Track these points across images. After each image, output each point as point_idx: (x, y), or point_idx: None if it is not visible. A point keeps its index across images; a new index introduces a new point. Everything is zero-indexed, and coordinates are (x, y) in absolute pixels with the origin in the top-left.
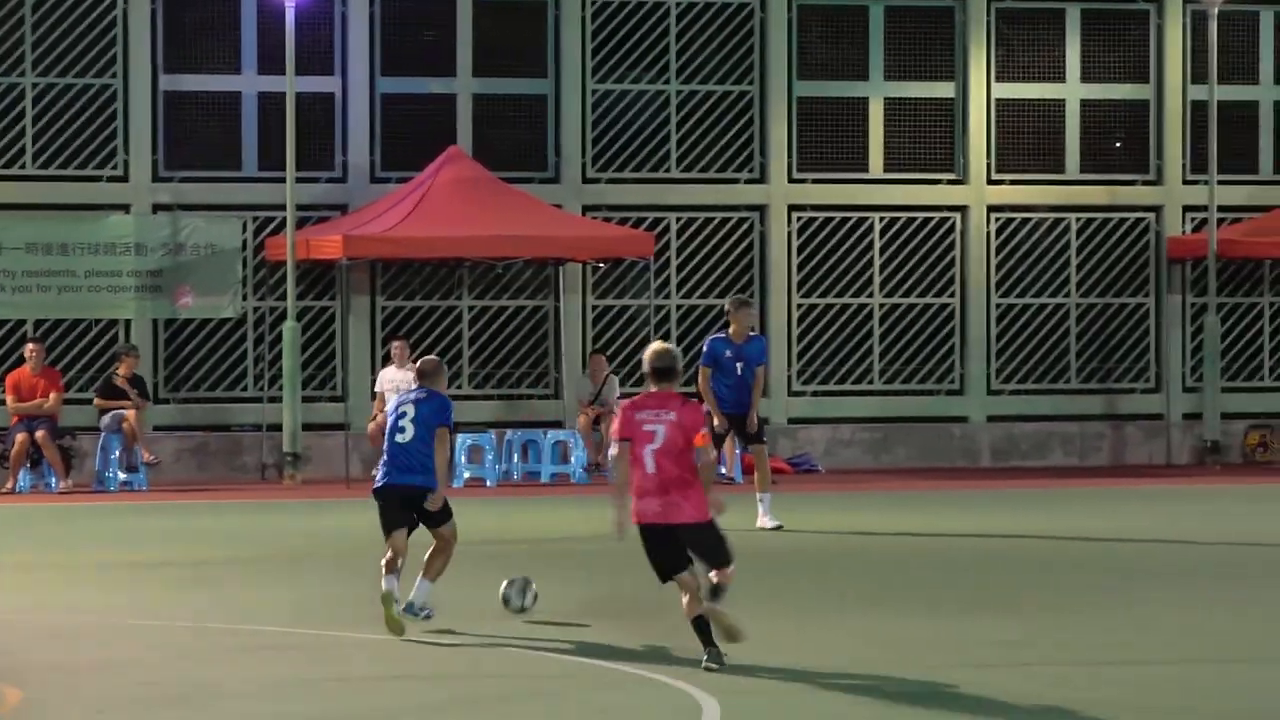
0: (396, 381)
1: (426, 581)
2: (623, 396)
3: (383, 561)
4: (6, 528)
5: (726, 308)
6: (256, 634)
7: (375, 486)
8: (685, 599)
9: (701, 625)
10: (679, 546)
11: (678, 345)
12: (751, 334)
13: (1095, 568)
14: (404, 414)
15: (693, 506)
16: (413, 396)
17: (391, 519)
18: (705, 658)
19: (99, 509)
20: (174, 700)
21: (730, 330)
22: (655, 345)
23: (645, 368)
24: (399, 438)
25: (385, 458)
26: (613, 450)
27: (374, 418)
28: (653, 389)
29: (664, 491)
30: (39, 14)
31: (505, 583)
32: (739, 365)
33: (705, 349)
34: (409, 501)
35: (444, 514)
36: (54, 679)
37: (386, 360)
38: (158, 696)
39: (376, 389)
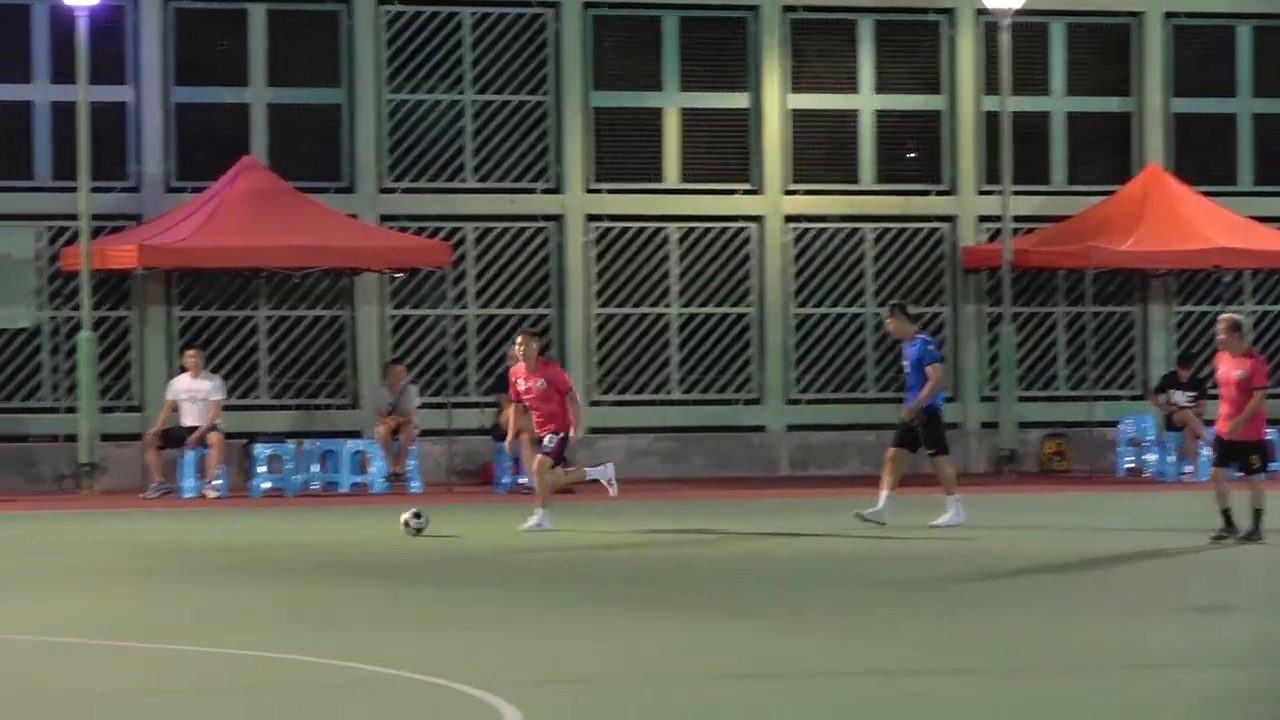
0: (192, 391)
1: None
2: (422, 406)
3: None
4: None
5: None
6: (53, 645)
7: None
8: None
9: None
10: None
11: (475, 355)
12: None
13: (872, 576)
14: None
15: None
16: None
17: None
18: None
19: None
20: None
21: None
22: None
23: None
24: None
25: None
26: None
27: (157, 426)
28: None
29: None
30: None
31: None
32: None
33: (935, 347)
34: None
35: None
36: None
37: (183, 370)
38: None
39: (168, 396)
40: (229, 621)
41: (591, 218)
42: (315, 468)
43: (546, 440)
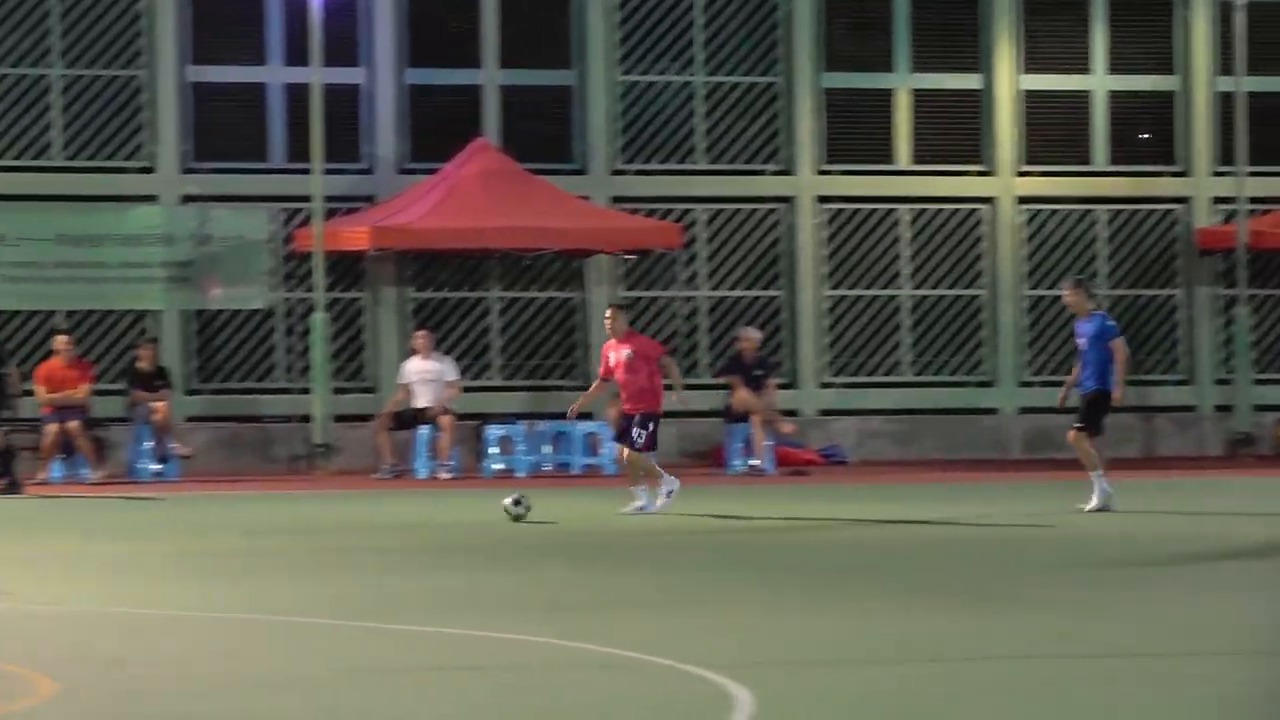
0: (422, 372)
1: None
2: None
3: None
4: (40, 518)
5: None
6: (289, 625)
7: None
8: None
9: None
10: None
11: (705, 336)
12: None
13: (1113, 559)
14: None
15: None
16: None
17: None
18: None
19: (132, 500)
20: (211, 691)
21: None
22: None
23: None
24: None
25: None
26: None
27: (391, 408)
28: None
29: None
30: (66, 5)
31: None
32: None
33: (1115, 324)
34: None
35: None
36: (87, 670)
37: (413, 352)
38: (195, 688)
39: (400, 380)
40: (459, 601)
41: (822, 199)
42: (547, 449)
43: (636, 434)
